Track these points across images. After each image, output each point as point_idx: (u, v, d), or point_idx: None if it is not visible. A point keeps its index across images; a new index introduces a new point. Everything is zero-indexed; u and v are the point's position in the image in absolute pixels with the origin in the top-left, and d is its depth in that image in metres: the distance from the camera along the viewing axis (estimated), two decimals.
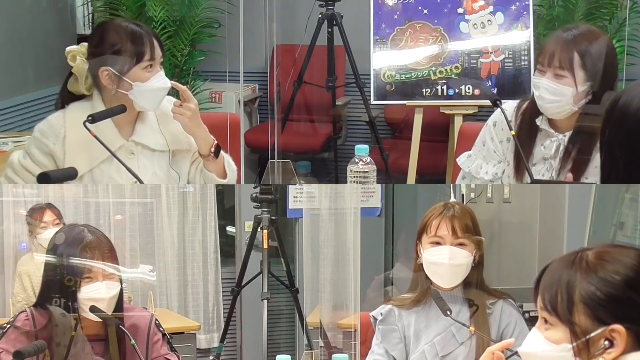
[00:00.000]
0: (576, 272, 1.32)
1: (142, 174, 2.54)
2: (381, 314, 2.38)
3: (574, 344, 1.30)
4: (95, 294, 2.15)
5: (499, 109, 2.61)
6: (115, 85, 2.51)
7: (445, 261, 2.27)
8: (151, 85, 2.53)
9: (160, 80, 2.55)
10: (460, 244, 2.29)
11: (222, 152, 2.67)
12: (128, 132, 2.62)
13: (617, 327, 1.26)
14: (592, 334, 1.28)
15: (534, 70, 2.54)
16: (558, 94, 2.44)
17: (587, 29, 2.51)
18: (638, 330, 1.26)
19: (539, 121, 2.54)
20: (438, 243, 2.30)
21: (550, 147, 2.53)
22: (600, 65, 2.44)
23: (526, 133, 2.55)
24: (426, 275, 2.34)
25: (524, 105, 2.60)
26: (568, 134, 2.52)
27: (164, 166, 2.66)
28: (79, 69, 2.56)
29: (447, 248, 2.28)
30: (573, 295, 1.30)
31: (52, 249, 2.20)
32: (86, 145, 2.48)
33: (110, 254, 2.19)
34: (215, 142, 2.64)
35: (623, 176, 1.72)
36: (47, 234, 3.60)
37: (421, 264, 2.34)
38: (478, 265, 2.33)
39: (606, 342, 1.27)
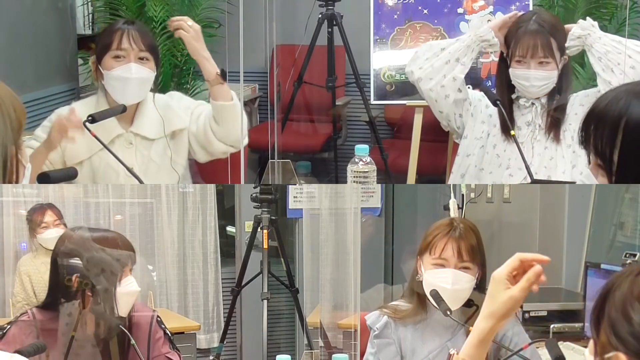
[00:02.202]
0: (620, 285, 1.23)
1: (139, 162, 2.74)
2: (377, 327, 2.31)
3: (596, 358, 1.25)
4: (132, 287, 2.15)
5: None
6: (96, 75, 2.74)
7: (448, 286, 2.18)
8: (114, 73, 2.66)
9: (125, 70, 2.65)
10: (465, 268, 2.21)
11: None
12: (127, 122, 2.77)
13: (621, 356, 1.21)
14: (607, 355, 1.22)
15: (510, 61, 2.78)
16: (547, 79, 2.74)
17: (544, 13, 2.86)
18: None
19: (514, 96, 2.82)
20: (442, 265, 2.21)
21: (526, 103, 2.81)
22: (564, 38, 2.76)
23: (506, 108, 2.78)
24: (422, 289, 2.29)
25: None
26: (542, 98, 2.82)
27: (160, 151, 2.79)
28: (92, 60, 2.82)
29: (450, 272, 2.19)
30: (605, 306, 1.23)
31: (67, 250, 2.17)
32: (87, 133, 2.57)
33: (131, 250, 2.19)
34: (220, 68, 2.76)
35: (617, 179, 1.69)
36: (47, 234, 3.61)
37: (420, 282, 2.26)
38: (480, 286, 2.27)
39: None
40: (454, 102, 2.89)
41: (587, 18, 2.79)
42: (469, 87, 3.01)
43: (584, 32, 2.74)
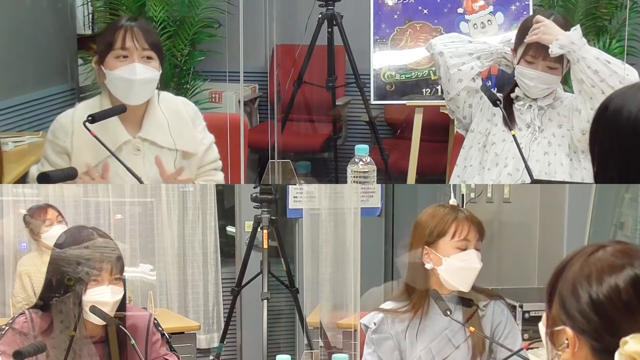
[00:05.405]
0: (573, 264, 1.30)
1: (147, 171, 2.61)
2: (374, 323, 2.32)
3: (547, 330, 1.31)
4: (101, 297, 2.14)
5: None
6: (99, 75, 2.61)
7: (477, 265, 2.24)
8: (117, 74, 2.54)
9: (129, 71, 2.54)
10: (478, 248, 2.28)
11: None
12: (135, 128, 2.65)
13: (568, 330, 1.25)
14: (556, 328, 1.28)
15: (519, 59, 2.79)
16: (550, 82, 2.77)
17: (561, 18, 2.80)
18: (594, 345, 1.24)
19: (513, 95, 2.85)
20: (465, 247, 2.26)
21: (524, 104, 2.83)
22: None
23: (505, 108, 2.82)
24: (426, 280, 2.31)
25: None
26: (539, 100, 2.83)
27: (170, 164, 2.67)
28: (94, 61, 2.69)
29: (473, 252, 2.25)
30: (557, 283, 1.30)
31: (59, 249, 2.18)
32: (93, 141, 2.50)
33: (118, 259, 2.18)
34: None
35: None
36: (53, 231, 3.59)
37: (429, 270, 2.28)
38: None
39: (566, 341, 1.26)
40: (466, 89, 2.88)
41: (577, 28, 2.71)
42: None
43: (564, 48, 2.68)
